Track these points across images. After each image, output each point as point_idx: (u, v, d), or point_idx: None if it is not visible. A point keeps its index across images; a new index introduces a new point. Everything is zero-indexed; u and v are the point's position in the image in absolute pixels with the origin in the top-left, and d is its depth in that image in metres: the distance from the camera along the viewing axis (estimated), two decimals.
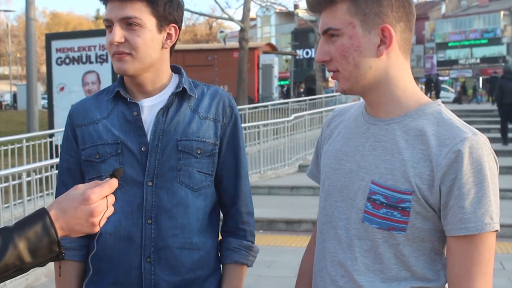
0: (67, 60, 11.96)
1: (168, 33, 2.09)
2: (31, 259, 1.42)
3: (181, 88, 2.10)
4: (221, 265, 2.20)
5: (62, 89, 12.07)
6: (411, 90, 1.69)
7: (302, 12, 45.80)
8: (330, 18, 1.66)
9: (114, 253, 2.05)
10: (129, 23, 2.00)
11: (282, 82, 42.49)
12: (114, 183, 1.54)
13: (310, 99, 22.63)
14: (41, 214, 1.45)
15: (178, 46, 39.65)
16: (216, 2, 25.73)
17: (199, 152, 2.08)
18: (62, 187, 2.14)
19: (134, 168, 2.05)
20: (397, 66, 1.67)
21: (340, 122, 1.86)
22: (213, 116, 2.13)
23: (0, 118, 28.02)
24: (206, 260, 2.12)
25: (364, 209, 1.65)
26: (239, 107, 18.21)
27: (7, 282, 5.97)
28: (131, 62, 2.01)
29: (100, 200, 1.49)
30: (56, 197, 2.13)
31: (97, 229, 1.51)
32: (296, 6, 49.85)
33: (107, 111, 2.12)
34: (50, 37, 12.53)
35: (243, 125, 13.20)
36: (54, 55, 12.05)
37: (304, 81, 43.24)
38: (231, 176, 2.18)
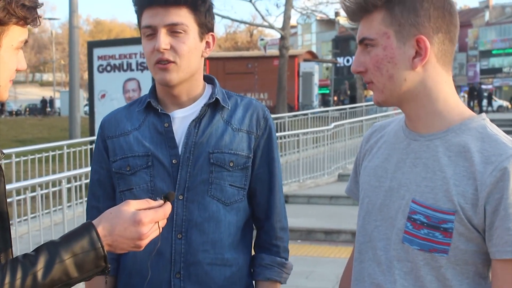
0: (108, 68, 12.08)
1: (207, 42, 2.06)
2: (77, 274, 1.41)
3: (214, 99, 2.06)
4: (253, 282, 2.14)
5: (103, 96, 12.19)
6: (453, 104, 1.61)
7: (343, 20, 45.55)
8: (366, 27, 1.61)
9: (144, 268, 2.01)
10: (174, 30, 1.96)
11: (322, 90, 42.25)
12: (168, 209, 1.52)
13: (350, 108, 22.47)
14: (88, 228, 1.43)
15: (219, 54, 39.88)
16: (257, 9, 25.75)
17: (231, 165, 2.02)
18: (93, 199, 2.12)
19: (165, 181, 2.01)
20: (435, 79, 1.60)
21: (380, 137, 1.79)
22: (247, 128, 2.07)
23: (44, 124, 28.50)
24: (238, 276, 2.07)
25: (404, 229, 1.58)
26: (278, 115, 18.21)
27: None
28: (176, 71, 1.97)
29: (150, 224, 1.47)
30: (87, 208, 2.11)
31: (141, 249, 1.49)
32: (337, 14, 49.60)
33: (139, 123, 2.08)
34: (92, 45, 12.70)
35: (282, 133, 13.23)
36: (96, 63, 12.19)
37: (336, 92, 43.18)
38: (264, 190, 2.12)
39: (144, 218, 1.45)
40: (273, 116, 17.49)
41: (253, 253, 2.17)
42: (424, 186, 1.56)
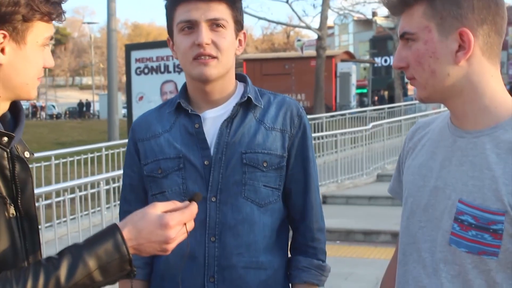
0: (146, 70, 12.15)
1: (239, 40, 2.03)
2: (101, 277, 1.38)
3: (246, 98, 2.01)
4: (290, 285, 2.08)
5: (141, 98, 12.27)
6: (500, 98, 1.53)
7: (380, 20, 45.28)
8: (407, 21, 1.55)
9: (177, 272, 1.97)
10: (216, 24, 1.92)
11: (360, 90, 42.01)
12: (195, 209, 1.48)
13: (389, 107, 22.26)
14: (112, 231, 1.41)
15: (256, 55, 39.98)
16: (294, 10, 25.82)
17: (265, 165, 1.97)
18: (125, 204, 2.09)
19: (197, 183, 1.97)
20: (481, 73, 1.52)
21: (424, 134, 1.71)
22: (280, 127, 2.02)
23: (83, 127, 28.87)
24: (273, 280, 2.01)
25: (451, 230, 1.50)
26: (316, 115, 18.13)
27: None
28: (216, 67, 1.93)
29: (178, 226, 1.44)
30: (120, 213, 2.08)
31: (168, 253, 1.45)
32: (374, 14, 49.32)
33: (169, 124, 2.04)
34: (130, 48, 12.81)
35: (320, 134, 13.17)
36: (134, 65, 12.28)
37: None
38: (300, 190, 2.06)
39: (171, 221, 1.42)
40: (310, 116, 17.50)
41: (289, 255, 2.11)
42: (471, 185, 1.48)
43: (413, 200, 1.63)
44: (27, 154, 1.53)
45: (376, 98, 42.45)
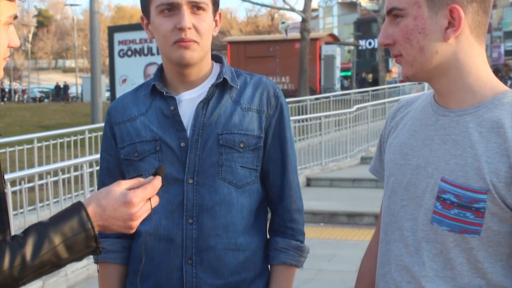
0: (129, 52, 12.07)
1: (215, 20, 2.00)
2: (67, 255, 1.38)
3: (221, 79, 1.98)
4: (268, 266, 2.07)
5: (124, 81, 12.20)
6: (485, 78, 1.52)
7: (365, 2, 45.22)
8: None
9: (155, 255, 1.96)
10: (197, 7, 1.89)
11: (344, 73, 41.98)
12: (157, 183, 1.47)
13: (373, 90, 22.29)
14: (77, 209, 1.40)
15: (240, 38, 39.78)
16: None
17: (242, 146, 1.95)
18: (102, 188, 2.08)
19: (174, 165, 1.94)
20: (468, 51, 1.51)
21: (406, 113, 1.71)
22: (257, 107, 2.00)
23: (67, 110, 28.66)
24: (251, 261, 2.00)
25: (433, 209, 1.50)
26: (300, 98, 18.12)
27: (68, 271, 6.03)
28: (196, 50, 1.91)
29: (141, 202, 1.43)
30: None
31: (133, 231, 1.46)
32: None
33: (145, 107, 2.02)
34: (113, 30, 12.71)
35: (304, 116, 13.15)
36: (117, 48, 12.20)
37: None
38: (277, 171, 2.04)
39: (134, 198, 1.42)
40: (295, 99, 17.52)
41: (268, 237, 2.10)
42: (454, 163, 1.48)
43: (394, 179, 1.63)
44: None
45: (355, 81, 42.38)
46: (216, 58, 2.08)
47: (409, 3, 1.50)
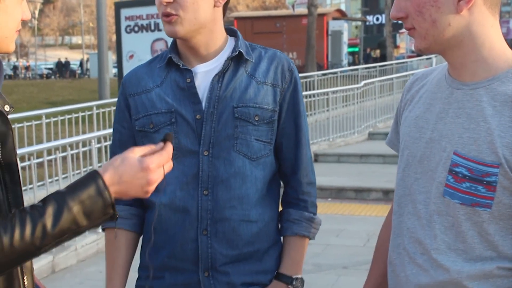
0: (136, 28, 12.00)
1: None
2: (86, 222, 1.40)
3: (237, 52, 1.98)
4: (281, 238, 2.09)
5: (131, 57, 12.14)
6: (499, 50, 1.51)
7: None
8: None
9: (169, 226, 1.97)
10: None
11: (351, 49, 41.76)
12: (170, 150, 1.49)
13: (380, 66, 22.19)
14: (94, 177, 1.42)
15: (247, 14, 39.55)
16: None
17: (257, 119, 1.96)
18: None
19: (189, 137, 1.96)
20: (481, 23, 1.49)
21: (422, 86, 1.70)
22: (272, 81, 2.00)
23: (74, 86, 28.68)
24: (264, 232, 2.02)
25: (445, 182, 1.50)
26: (308, 74, 18.05)
27: (78, 246, 6.09)
28: (180, 24, 1.90)
29: (158, 168, 1.45)
30: None
31: (148, 195, 1.48)
32: None
33: (160, 79, 2.02)
34: (119, 5, 12.61)
35: (312, 92, 13.14)
36: (123, 23, 12.12)
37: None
38: (291, 144, 2.05)
39: (151, 164, 1.44)
40: (302, 75, 17.45)
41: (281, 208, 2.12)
42: (466, 137, 1.48)
43: (409, 151, 1.63)
44: (7, 108, 1.53)
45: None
46: (230, 32, 2.07)
47: None
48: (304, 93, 12.55)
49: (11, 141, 1.50)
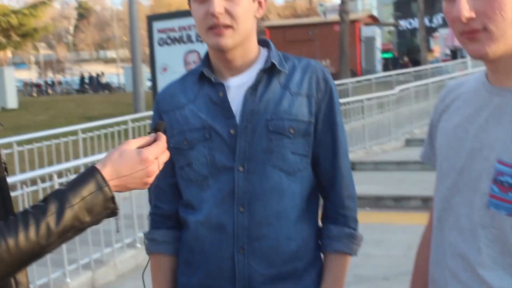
0: (169, 41, 12.07)
1: (259, 2, 1.94)
2: (88, 217, 1.40)
3: (270, 64, 1.94)
4: (321, 255, 2.03)
5: (165, 69, 12.21)
6: None
7: None
8: None
9: (206, 244, 1.93)
10: None
11: (385, 55, 41.45)
12: (164, 139, 1.51)
13: (415, 71, 21.99)
14: (92, 172, 1.42)
15: (279, 22, 39.60)
16: None
17: (292, 131, 1.90)
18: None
19: (224, 153, 1.91)
20: None
21: (457, 96, 1.62)
22: (306, 92, 1.94)
23: (110, 101, 28.99)
24: (303, 249, 1.95)
25: (490, 193, 1.42)
26: (341, 81, 17.96)
27: (117, 261, 6.09)
28: (231, 36, 1.86)
29: (155, 159, 1.47)
30: (148, 189, 2.05)
31: (147, 187, 1.50)
32: None
33: (194, 94, 1.98)
34: (151, 19, 12.71)
35: (346, 99, 13.02)
36: (156, 36, 12.21)
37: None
38: (328, 156, 1.99)
39: (149, 155, 1.45)
40: (336, 82, 17.30)
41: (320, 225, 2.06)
42: (510, 144, 1.41)
43: (448, 163, 1.56)
44: None
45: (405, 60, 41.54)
46: (263, 43, 2.03)
47: None
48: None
49: None
